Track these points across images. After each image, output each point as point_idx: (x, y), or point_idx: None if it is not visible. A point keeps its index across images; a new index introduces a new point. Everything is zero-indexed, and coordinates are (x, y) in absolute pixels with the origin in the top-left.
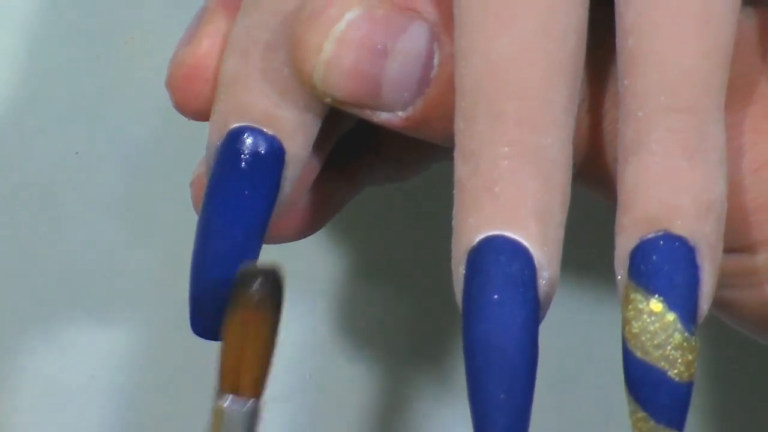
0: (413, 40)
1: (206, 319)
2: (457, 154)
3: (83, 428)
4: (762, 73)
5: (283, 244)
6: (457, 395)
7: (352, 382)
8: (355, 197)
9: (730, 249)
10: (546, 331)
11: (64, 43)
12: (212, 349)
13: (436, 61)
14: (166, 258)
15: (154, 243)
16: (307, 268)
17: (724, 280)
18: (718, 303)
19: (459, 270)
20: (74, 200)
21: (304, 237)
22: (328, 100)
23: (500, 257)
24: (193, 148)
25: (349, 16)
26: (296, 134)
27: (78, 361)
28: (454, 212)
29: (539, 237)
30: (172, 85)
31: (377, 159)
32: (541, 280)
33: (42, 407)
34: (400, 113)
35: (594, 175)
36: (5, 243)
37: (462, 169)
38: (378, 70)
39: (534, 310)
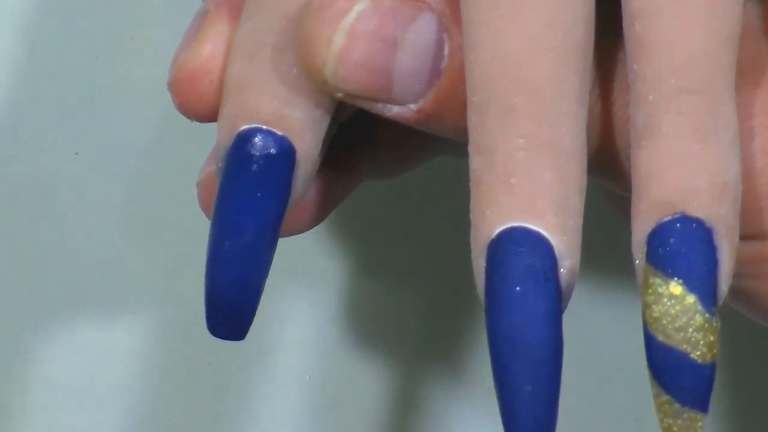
0: (423, 31)
1: (223, 320)
2: (471, 148)
3: (83, 428)
4: None
5: (286, 243)
6: (462, 394)
7: (354, 383)
8: (359, 194)
9: (742, 236)
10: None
11: (64, 43)
12: (213, 349)
13: (446, 51)
14: (167, 258)
15: (154, 243)
16: (309, 268)
17: (738, 269)
18: (733, 292)
19: (479, 263)
20: (74, 200)
21: (305, 231)
22: (339, 94)
23: (520, 249)
24: (194, 147)
25: (358, 7)
26: (306, 133)
27: (78, 361)
28: (471, 205)
29: (558, 227)
30: (174, 88)
31: (376, 151)
32: (562, 270)
33: (42, 407)
34: (412, 106)
35: (606, 163)
36: (5, 243)
37: (477, 162)
38: (389, 62)
39: (556, 300)
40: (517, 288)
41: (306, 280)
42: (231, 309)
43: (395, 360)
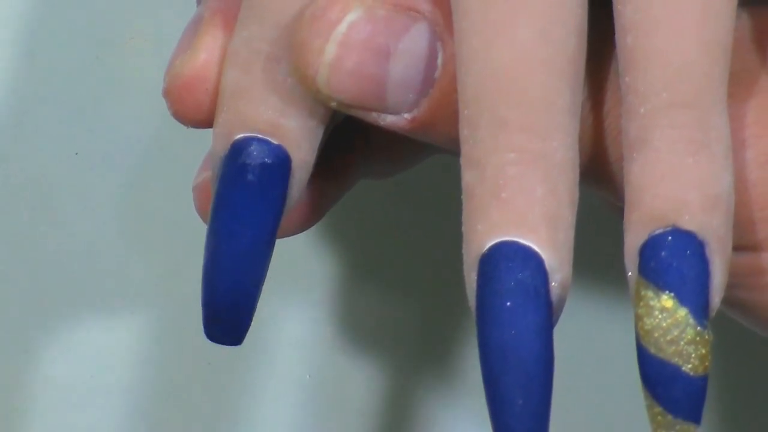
0: (416, 40)
1: (221, 326)
2: (463, 162)
3: (83, 428)
4: (761, 68)
5: (283, 245)
6: (459, 395)
7: (352, 383)
8: (356, 197)
9: (736, 247)
10: (557, 335)
11: (64, 43)
12: (213, 349)
13: (439, 61)
14: (167, 258)
15: (154, 243)
16: (306, 268)
17: (732, 280)
18: (729, 303)
19: (471, 276)
20: (74, 200)
21: (301, 232)
22: (333, 104)
23: (511, 263)
24: (193, 148)
25: (350, 17)
26: (302, 142)
27: (78, 361)
28: (463, 218)
29: (549, 241)
30: (170, 95)
31: (370, 151)
32: (553, 284)
33: (42, 407)
34: (406, 115)
35: (598, 174)
36: (5, 243)
37: (469, 176)
38: (382, 71)
39: (547, 314)
40: (508, 303)
41: (305, 280)
42: (228, 315)
43: (393, 359)
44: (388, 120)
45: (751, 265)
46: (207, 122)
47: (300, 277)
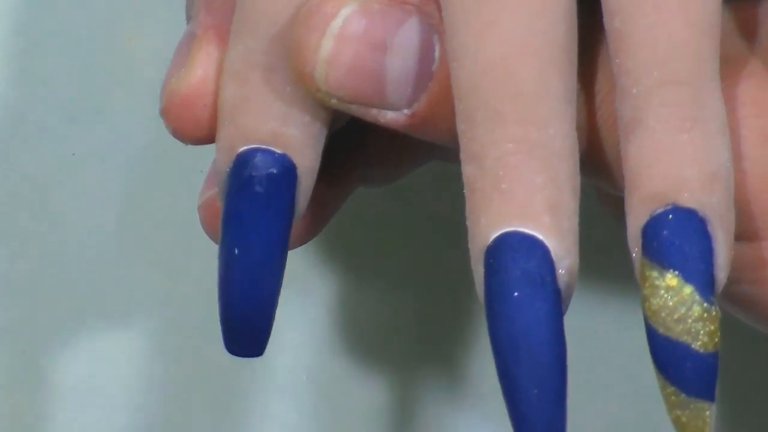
0: (412, 34)
1: (241, 339)
2: (463, 156)
3: (83, 428)
4: (749, 53)
5: None
6: (459, 395)
7: (351, 383)
8: (356, 198)
9: (735, 237)
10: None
11: (63, 43)
12: (212, 349)
13: (436, 54)
14: (166, 258)
15: (153, 243)
16: (305, 269)
17: (733, 274)
18: (729, 298)
19: (478, 269)
20: (73, 200)
21: (304, 243)
22: (333, 101)
23: (516, 254)
24: (193, 148)
25: (345, 12)
26: (305, 149)
27: (78, 361)
28: (466, 213)
29: (553, 229)
30: (168, 113)
31: (368, 159)
32: (560, 271)
33: (42, 407)
34: (406, 111)
35: (596, 163)
36: (5, 243)
37: (469, 170)
38: (379, 65)
39: (556, 302)
40: (516, 293)
41: (304, 282)
42: (247, 328)
43: (393, 360)
44: (389, 117)
45: (751, 257)
46: (207, 138)
47: (299, 278)
